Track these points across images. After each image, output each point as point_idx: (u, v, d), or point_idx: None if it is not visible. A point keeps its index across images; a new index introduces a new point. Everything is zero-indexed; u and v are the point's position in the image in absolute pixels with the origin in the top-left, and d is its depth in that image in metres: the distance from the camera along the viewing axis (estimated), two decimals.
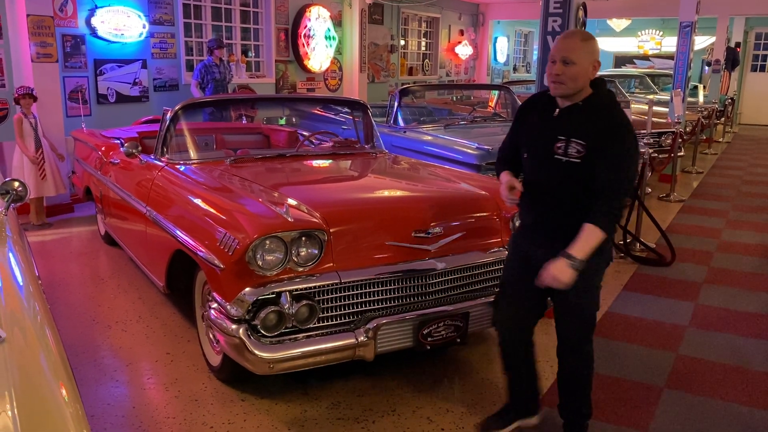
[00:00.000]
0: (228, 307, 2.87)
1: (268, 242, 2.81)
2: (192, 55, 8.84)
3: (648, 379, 3.50)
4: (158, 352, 3.76)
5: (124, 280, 4.92)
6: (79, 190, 6.29)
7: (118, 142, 5.20)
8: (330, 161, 4.48)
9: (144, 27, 7.90)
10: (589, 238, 2.40)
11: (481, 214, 3.45)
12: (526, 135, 2.66)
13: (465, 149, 5.65)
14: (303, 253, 2.88)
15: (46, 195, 6.41)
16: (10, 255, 2.43)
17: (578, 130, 2.44)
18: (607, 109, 2.48)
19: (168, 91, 8.36)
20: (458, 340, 3.25)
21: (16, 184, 2.81)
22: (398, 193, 3.59)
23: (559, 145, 2.47)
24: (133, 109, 7.84)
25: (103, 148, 5.27)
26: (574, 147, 2.43)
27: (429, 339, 3.12)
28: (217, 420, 3.05)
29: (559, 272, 2.42)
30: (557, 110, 2.53)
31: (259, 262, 2.79)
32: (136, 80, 7.97)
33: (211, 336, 3.41)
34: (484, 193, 3.58)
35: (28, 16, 6.40)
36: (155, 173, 4.04)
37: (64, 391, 1.59)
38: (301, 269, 2.89)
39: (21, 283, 2.23)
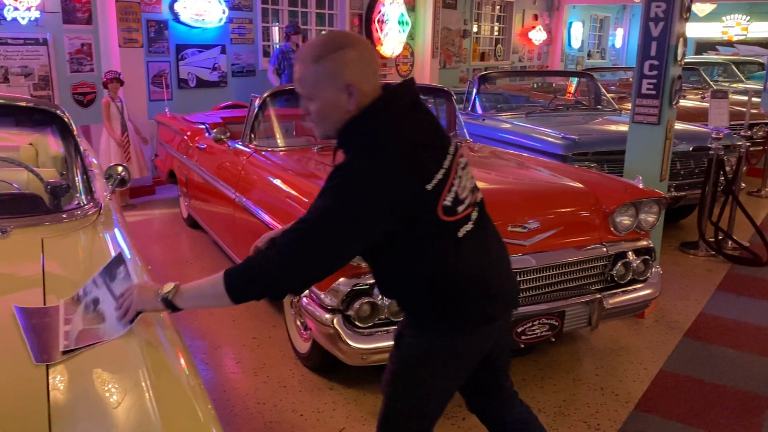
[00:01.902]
0: (322, 296, 2.85)
1: None
2: (269, 41, 8.91)
3: (753, 388, 3.30)
4: (245, 336, 3.80)
5: (207, 262, 5.01)
6: (162, 173, 6.44)
7: (204, 127, 5.28)
8: None
9: (224, 12, 8.00)
10: (206, 283, 1.67)
11: (579, 209, 3.31)
12: None
13: (549, 138, 5.47)
14: None
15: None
16: (119, 236, 2.47)
17: None
18: (347, 145, 1.70)
19: (245, 76, 8.46)
20: (552, 339, 3.15)
21: (120, 168, 2.85)
22: (492, 185, 3.49)
23: None
24: (212, 94, 7.97)
25: (188, 133, 5.36)
26: None
27: (523, 337, 3.03)
28: (306, 408, 3.06)
29: (140, 291, 1.69)
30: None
31: None
32: (215, 65, 8.09)
33: (299, 323, 3.41)
34: (581, 186, 3.44)
35: (117, 2, 6.57)
36: (243, 159, 4.07)
37: (182, 361, 1.61)
38: None
39: (131, 262, 2.26)
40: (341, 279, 2.80)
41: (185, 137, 5.37)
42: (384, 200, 1.57)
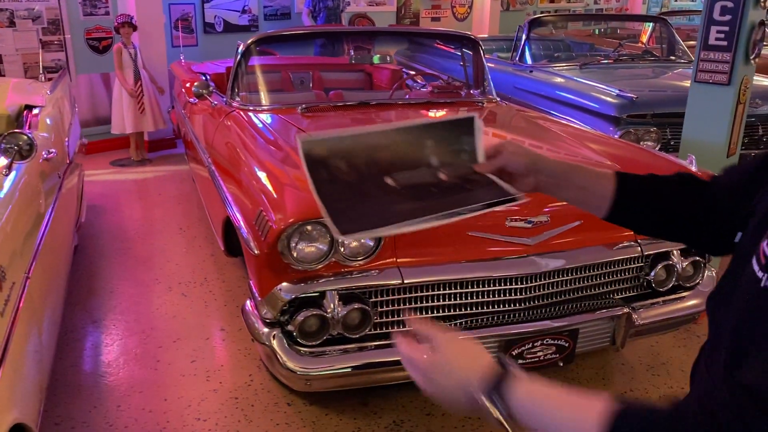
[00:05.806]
0: (259, 304, 2.28)
1: (308, 228, 2.16)
2: None
3: None
4: (212, 326, 3.31)
5: (202, 231, 4.53)
6: (174, 127, 5.98)
7: (205, 78, 4.72)
8: (420, 112, 3.70)
9: None
10: (569, 405, 0.81)
11: None
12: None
13: (602, 96, 4.61)
14: (353, 244, 2.20)
15: (144, 130, 6.18)
16: None
17: None
18: None
19: (279, 20, 7.82)
20: (560, 364, 2.48)
21: (25, 138, 2.34)
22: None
23: None
24: (241, 39, 7.35)
25: (187, 84, 4.82)
26: None
27: (521, 361, 2.37)
28: (253, 429, 2.54)
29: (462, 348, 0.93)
30: None
31: (294, 254, 2.15)
32: (246, 8, 7.48)
33: None
34: (610, 164, 2.68)
35: None
36: (221, 120, 3.50)
37: None
38: (352, 263, 2.23)
39: None
40: (283, 284, 2.22)
41: (184, 90, 4.84)
42: None
